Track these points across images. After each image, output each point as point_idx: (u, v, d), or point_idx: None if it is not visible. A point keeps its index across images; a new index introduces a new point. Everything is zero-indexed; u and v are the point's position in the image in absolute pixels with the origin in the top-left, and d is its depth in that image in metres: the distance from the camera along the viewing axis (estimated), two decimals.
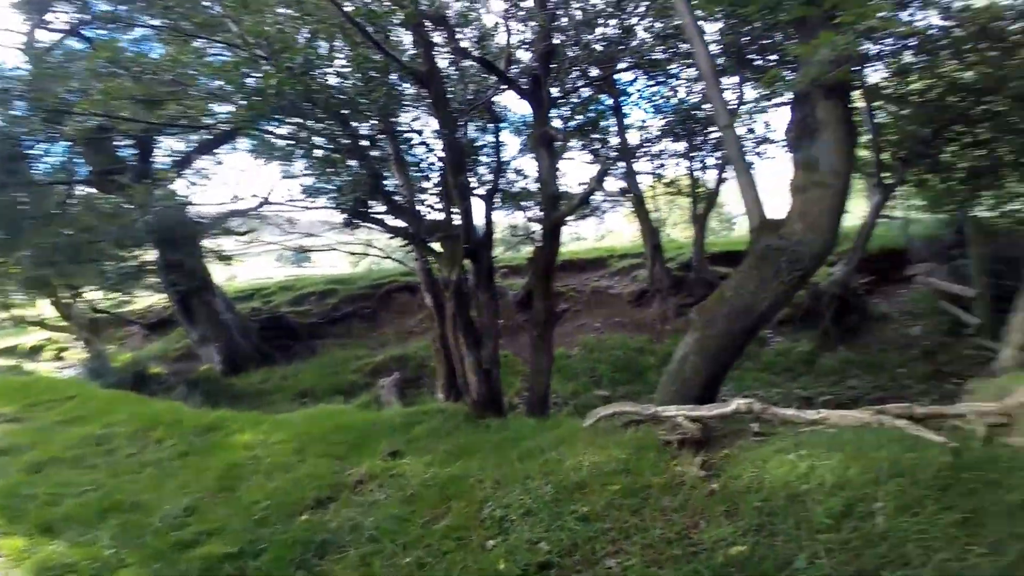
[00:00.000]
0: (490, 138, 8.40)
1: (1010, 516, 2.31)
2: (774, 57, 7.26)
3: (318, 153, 6.52)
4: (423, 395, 9.60)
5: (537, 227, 8.22)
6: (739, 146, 6.07)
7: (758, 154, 11.36)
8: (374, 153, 6.87)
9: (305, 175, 7.25)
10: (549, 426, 4.74)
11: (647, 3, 7.48)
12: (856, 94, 8.47)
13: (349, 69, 5.98)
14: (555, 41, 7.02)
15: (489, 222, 7.28)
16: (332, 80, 5.89)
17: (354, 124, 6.23)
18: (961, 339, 8.35)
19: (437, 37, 6.19)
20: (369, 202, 6.61)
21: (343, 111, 5.74)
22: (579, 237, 20.94)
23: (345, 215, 6.71)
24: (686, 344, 5.56)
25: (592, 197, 10.55)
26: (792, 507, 2.68)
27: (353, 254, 10.32)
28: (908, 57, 7.83)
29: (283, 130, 6.22)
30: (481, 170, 8.39)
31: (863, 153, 9.24)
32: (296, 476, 4.34)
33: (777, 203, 6.00)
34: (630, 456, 3.46)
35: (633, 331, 11.67)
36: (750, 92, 10.39)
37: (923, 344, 8.74)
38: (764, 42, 6.86)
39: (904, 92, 8.66)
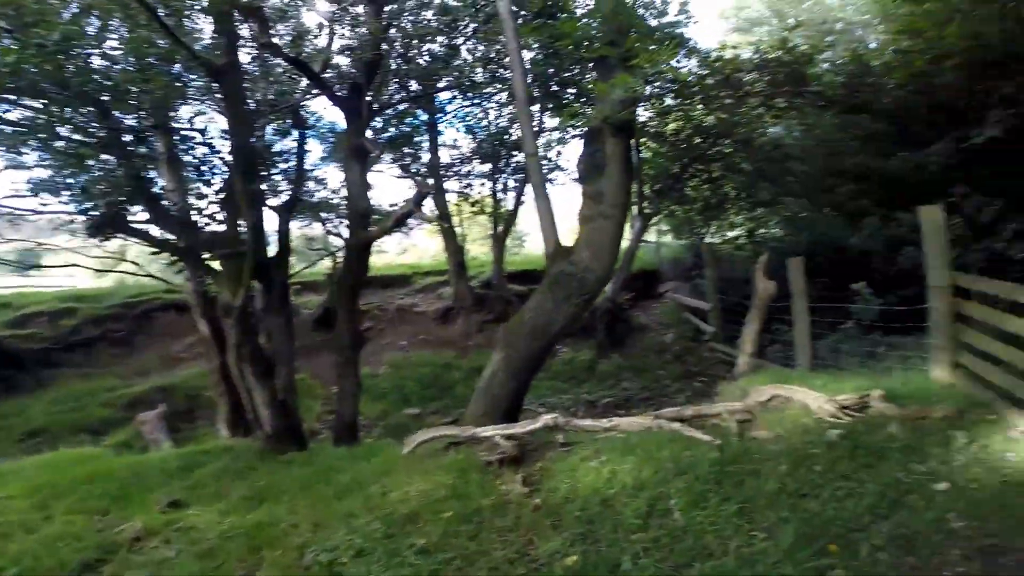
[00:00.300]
0: (290, 143, 7.76)
1: (774, 503, 2.85)
2: (574, 92, 7.99)
3: (60, 144, 5.31)
4: (201, 431, 8.38)
5: (337, 241, 7.79)
6: (541, 174, 6.45)
7: (550, 180, 12.41)
8: (140, 150, 5.84)
9: (41, 167, 5.83)
10: (364, 455, 4.50)
11: (476, 25, 7.64)
12: None
13: (121, 52, 5.00)
14: (383, 50, 6.77)
15: (285, 237, 6.67)
16: (97, 62, 4.87)
17: (117, 114, 5.22)
18: (701, 344, 10.14)
19: (244, 30, 5.54)
20: (128, 206, 5.59)
21: (104, 98, 4.77)
22: (381, 251, 20.58)
23: (91, 220, 5.55)
24: (494, 362, 5.76)
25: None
26: (606, 512, 2.96)
27: (98, 271, 8.47)
28: (669, 100, 9.21)
29: (15, 115, 4.94)
30: (277, 178, 7.71)
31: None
32: (45, 536, 3.45)
33: (562, 227, 6.52)
34: (456, 480, 3.46)
35: (439, 348, 11.81)
36: (549, 122, 11.34)
37: (674, 349, 10.43)
38: (567, 75, 7.49)
39: (663, 132, 10.18)
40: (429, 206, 12.61)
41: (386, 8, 6.64)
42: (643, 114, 9.65)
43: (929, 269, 4.46)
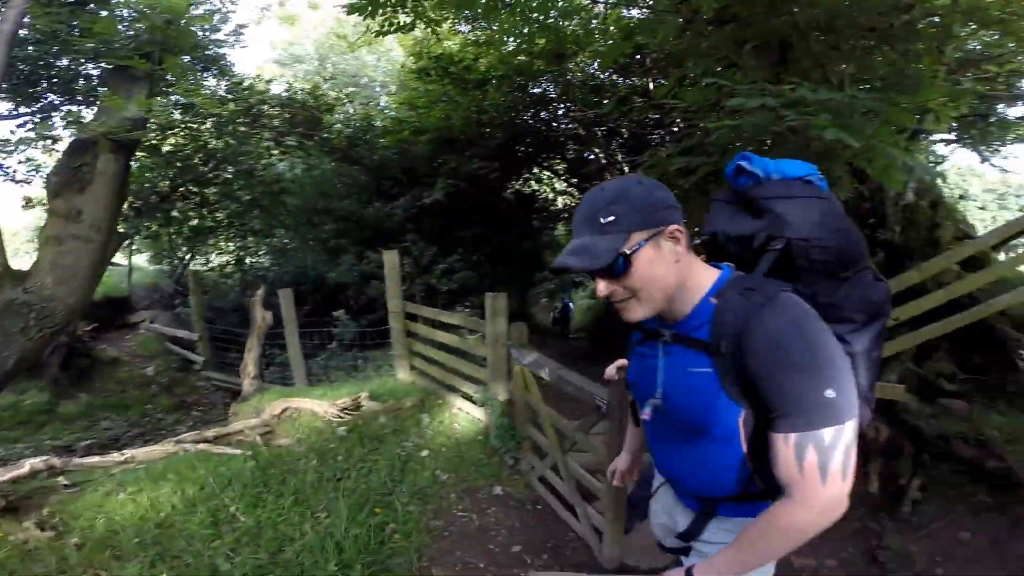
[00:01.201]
0: None
1: (320, 489, 3.57)
2: (61, 87, 6.32)
3: None
4: None
5: None
6: None
7: None
8: None
9: None
10: None
11: None
12: None
13: None
14: None
15: None
16: None
17: None
18: (192, 374, 9.70)
19: None
20: None
21: None
22: None
23: None
24: None
25: None
26: (168, 531, 3.05)
27: None
28: (176, 115, 8.41)
29: None
30: None
31: None
32: None
33: None
34: None
35: None
36: None
37: (160, 381, 9.58)
38: (62, 69, 5.94)
39: (158, 145, 9.18)
40: None
41: None
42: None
43: (389, 298, 5.86)
